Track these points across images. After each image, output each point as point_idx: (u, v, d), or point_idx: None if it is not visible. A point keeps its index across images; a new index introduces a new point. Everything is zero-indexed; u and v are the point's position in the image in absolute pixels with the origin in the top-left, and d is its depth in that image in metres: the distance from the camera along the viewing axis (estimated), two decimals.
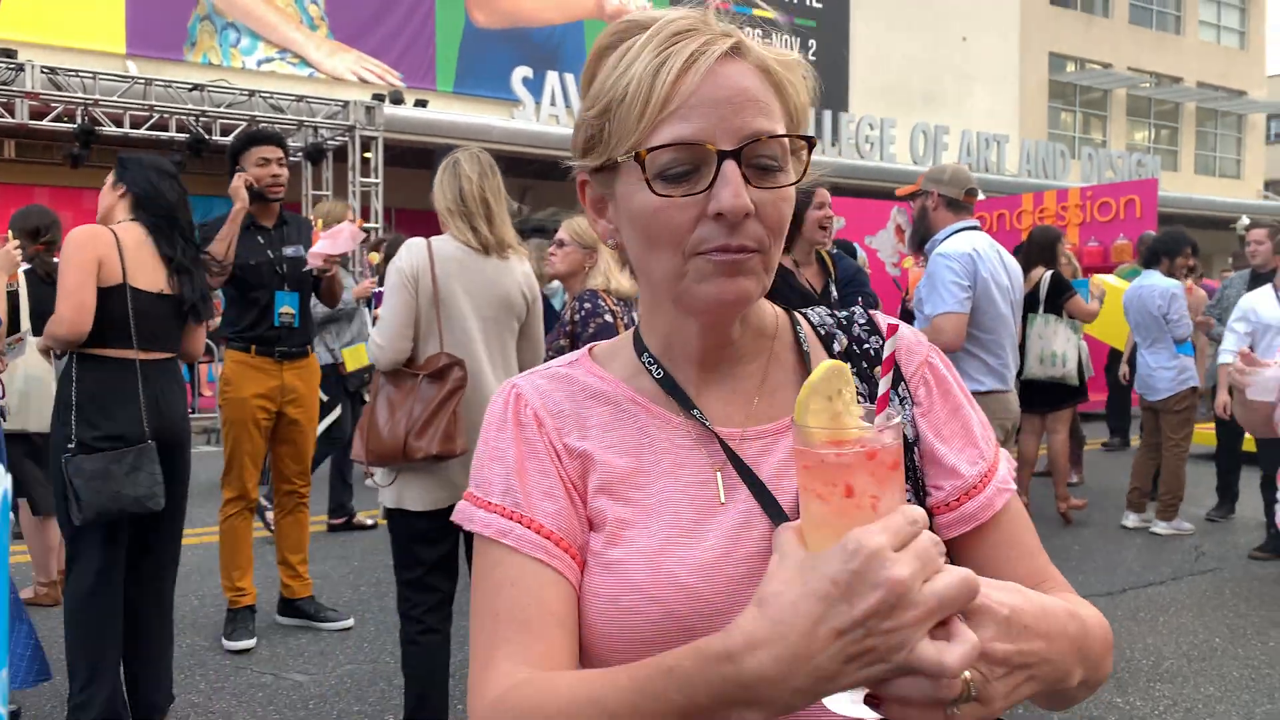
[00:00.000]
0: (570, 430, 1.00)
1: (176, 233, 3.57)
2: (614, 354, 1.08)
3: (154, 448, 3.39)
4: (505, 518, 0.95)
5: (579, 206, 1.05)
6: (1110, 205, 12.90)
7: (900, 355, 1.06)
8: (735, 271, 0.91)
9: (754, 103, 0.90)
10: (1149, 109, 28.84)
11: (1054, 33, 25.90)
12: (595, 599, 0.93)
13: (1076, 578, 5.81)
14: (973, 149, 19.70)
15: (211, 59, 15.36)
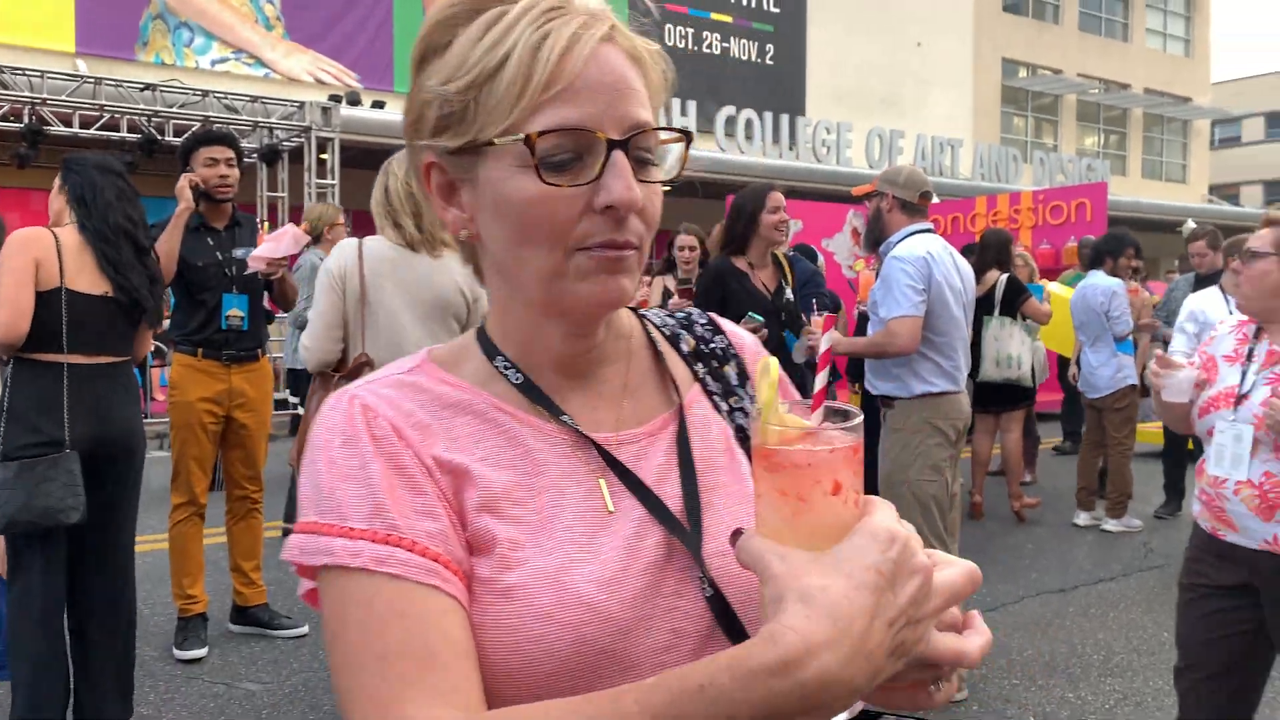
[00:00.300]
0: (436, 442, 0.87)
1: (122, 234, 3.47)
2: (460, 358, 0.96)
3: (72, 457, 3.27)
4: (380, 543, 0.79)
5: None
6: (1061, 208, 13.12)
7: (744, 356, 1.05)
8: (617, 269, 0.86)
9: (634, 91, 0.85)
10: (1098, 114, 29.39)
11: (1006, 39, 26.31)
12: (494, 632, 0.81)
13: (1030, 575, 5.92)
14: (927, 153, 19.96)
15: (164, 59, 15.13)
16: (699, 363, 1.03)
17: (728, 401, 1.01)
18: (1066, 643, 4.80)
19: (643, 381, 0.98)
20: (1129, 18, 29.63)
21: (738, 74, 20.74)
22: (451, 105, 0.85)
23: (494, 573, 0.82)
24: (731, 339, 1.06)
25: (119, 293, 3.44)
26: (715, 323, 1.07)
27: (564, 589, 0.82)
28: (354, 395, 0.89)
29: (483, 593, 0.82)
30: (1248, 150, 40.96)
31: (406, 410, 0.88)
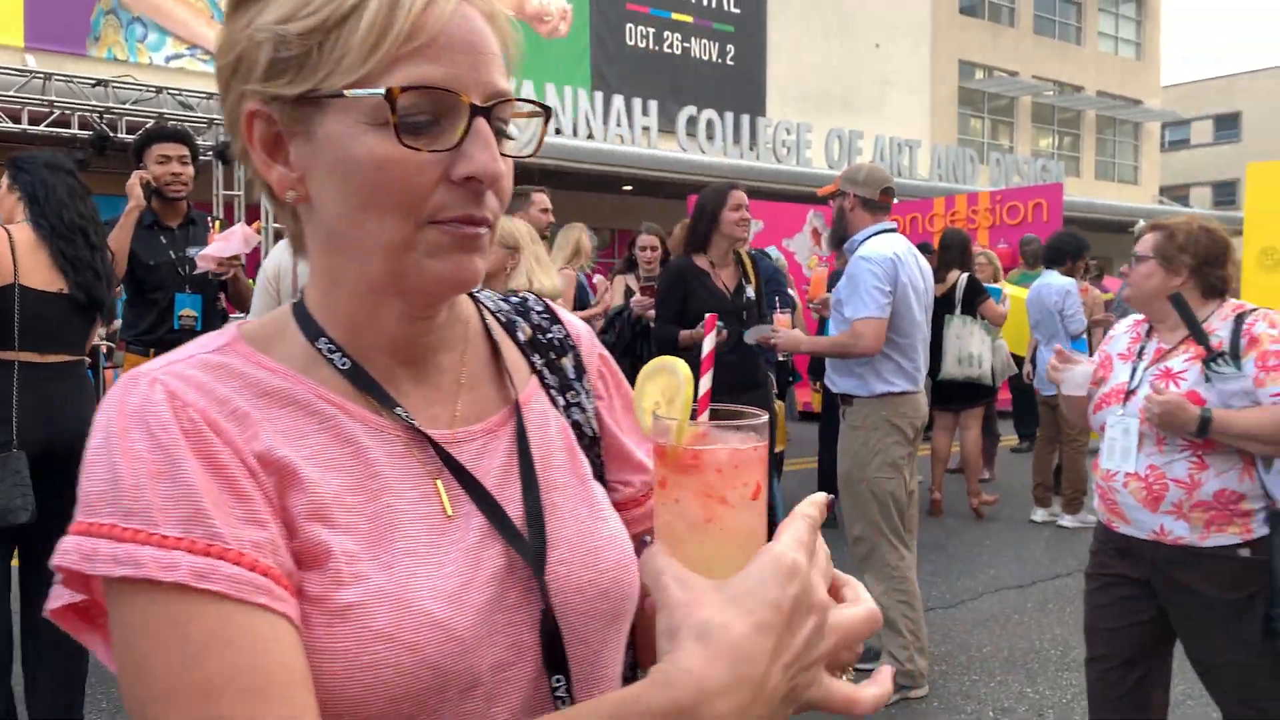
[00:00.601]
0: (258, 434, 0.75)
1: (77, 230, 3.43)
2: (274, 337, 0.83)
3: (20, 457, 3.22)
4: (200, 554, 0.67)
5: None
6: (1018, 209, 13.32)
7: (580, 347, 0.99)
8: (472, 247, 0.78)
9: (494, 55, 0.78)
10: (1053, 116, 29.84)
11: (963, 41, 26.63)
12: (327, 657, 0.71)
13: (989, 571, 5.99)
14: (886, 154, 20.15)
15: (117, 54, 14.86)
16: (536, 354, 0.96)
17: (565, 396, 0.95)
18: (1024, 638, 4.87)
19: (480, 373, 0.91)
20: (1082, 21, 30.12)
21: (699, 74, 20.79)
22: (290, 48, 0.75)
23: (326, 590, 0.72)
24: (569, 329, 1.00)
25: (75, 290, 3.40)
26: (552, 310, 1.01)
27: (406, 606, 0.73)
28: (155, 378, 0.75)
29: (314, 612, 0.71)
30: (1197, 152, 41.83)
31: (220, 397, 0.76)
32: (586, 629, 0.84)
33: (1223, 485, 2.72)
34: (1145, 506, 2.81)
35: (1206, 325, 2.81)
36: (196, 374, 0.77)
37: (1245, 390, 2.70)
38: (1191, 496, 2.73)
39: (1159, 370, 2.84)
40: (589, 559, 0.85)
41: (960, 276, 6.98)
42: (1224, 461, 2.72)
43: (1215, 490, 2.72)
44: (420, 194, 0.75)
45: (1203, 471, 2.73)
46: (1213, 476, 2.72)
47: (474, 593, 0.77)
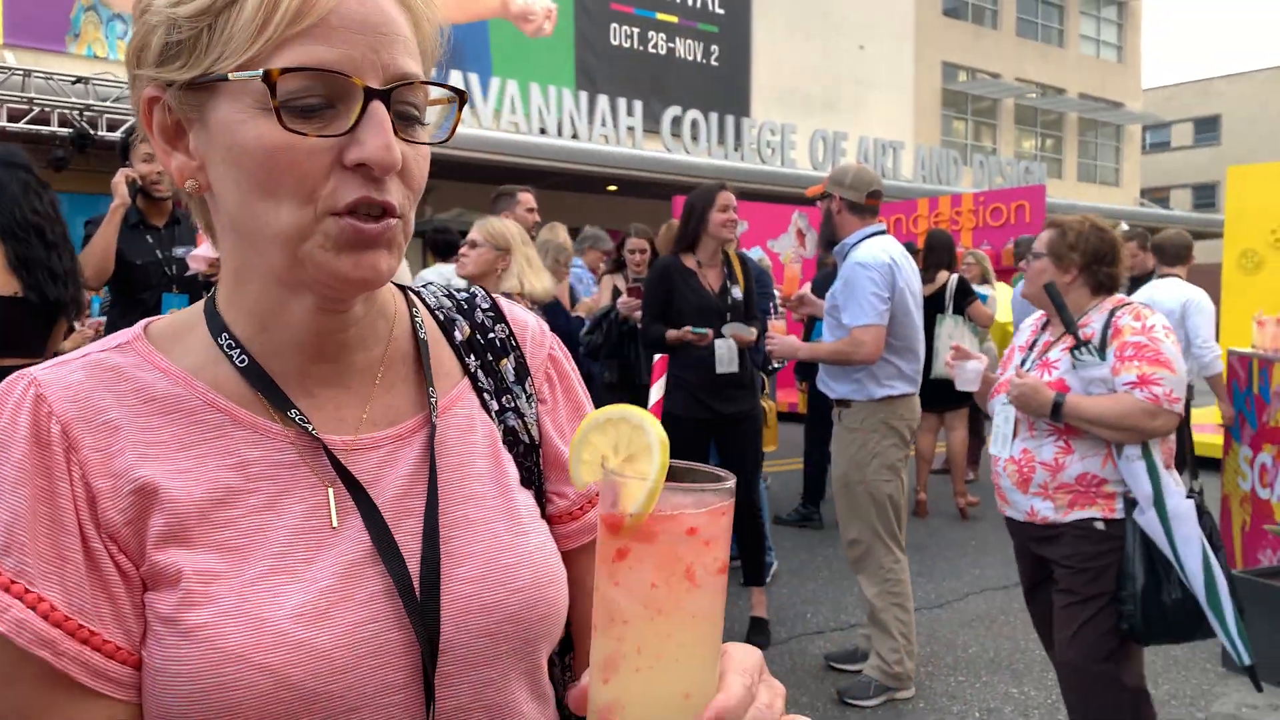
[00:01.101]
0: (122, 450, 0.74)
1: (31, 229, 3.35)
2: (180, 333, 0.82)
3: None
4: (2, 589, 0.69)
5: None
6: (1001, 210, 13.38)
7: (525, 348, 0.94)
8: (374, 243, 0.74)
9: (400, 37, 0.74)
10: (1035, 118, 30.00)
11: (947, 43, 26.74)
12: (172, 679, 0.70)
13: (974, 572, 6.01)
14: (870, 155, 20.21)
15: (96, 51, 14.72)
16: (472, 354, 0.92)
17: (499, 400, 0.91)
18: (1010, 639, 4.88)
19: (399, 374, 0.87)
20: (1064, 24, 30.30)
21: (683, 74, 20.79)
22: (181, 31, 0.73)
23: (176, 610, 0.71)
24: (514, 328, 0.95)
25: (29, 292, 3.34)
26: (499, 308, 0.96)
27: (262, 625, 0.71)
28: (33, 380, 0.75)
29: (164, 632, 0.71)
30: (1177, 155, 42.14)
31: (95, 405, 0.75)
32: (488, 654, 0.80)
33: (1085, 469, 2.87)
34: (1018, 488, 2.99)
35: (1085, 318, 2.98)
36: (79, 377, 0.76)
37: (1104, 379, 2.85)
38: (1055, 478, 2.90)
39: (1040, 361, 3.02)
40: (500, 577, 0.81)
41: (951, 278, 7.01)
42: (1088, 447, 2.87)
43: (1078, 473, 2.88)
44: (311, 181, 0.72)
45: (1068, 455, 2.89)
46: (1077, 460, 2.88)
47: (349, 611, 0.74)
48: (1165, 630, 2.80)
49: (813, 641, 4.83)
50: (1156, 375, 2.79)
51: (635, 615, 0.63)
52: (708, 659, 0.65)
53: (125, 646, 0.72)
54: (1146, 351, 2.82)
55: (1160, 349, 2.82)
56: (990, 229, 13.28)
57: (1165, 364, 2.81)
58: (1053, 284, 2.97)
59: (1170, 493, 2.76)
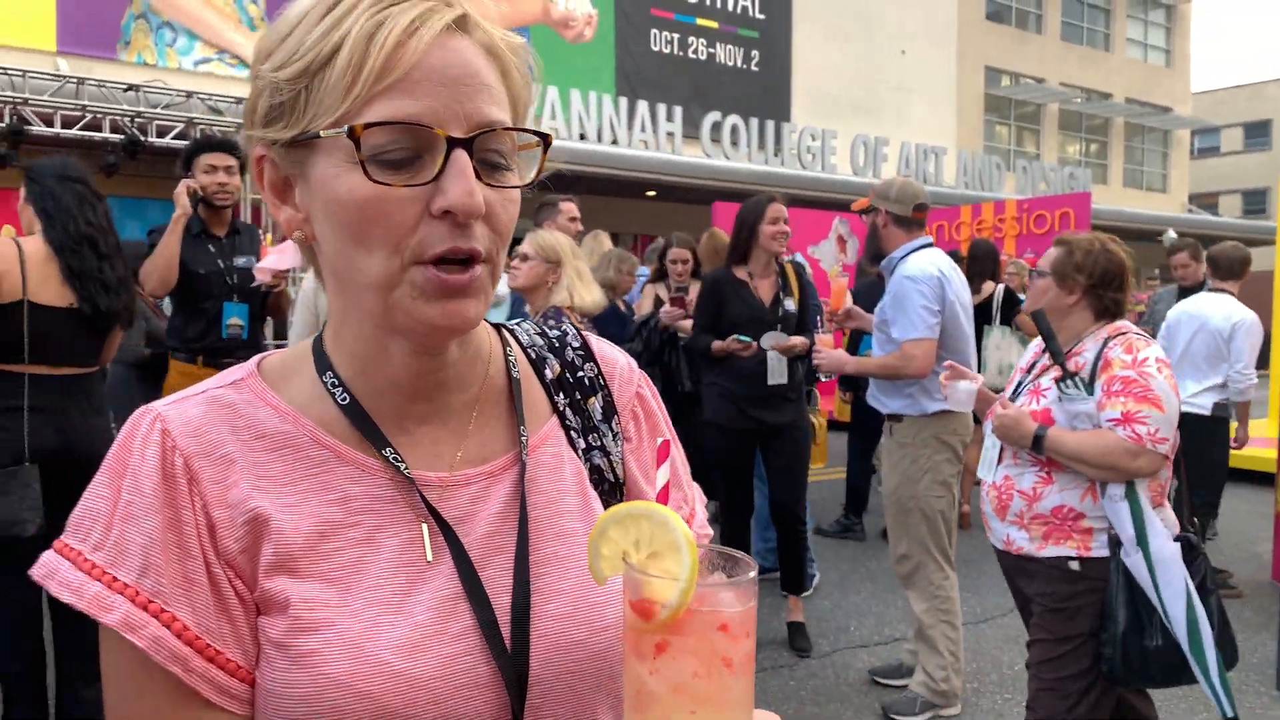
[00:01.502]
0: (237, 482, 0.79)
1: (84, 240, 3.43)
2: (290, 371, 0.87)
3: (30, 471, 3.27)
4: (139, 606, 0.74)
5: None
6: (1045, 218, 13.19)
7: (613, 386, 0.96)
8: (463, 291, 0.77)
9: (485, 87, 0.77)
10: (1080, 123, 29.61)
11: (990, 47, 26.48)
12: (284, 700, 0.75)
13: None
14: (911, 160, 20.04)
15: (146, 59, 14.99)
16: (561, 392, 0.94)
17: (586, 439, 0.93)
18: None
19: (493, 412, 0.90)
20: (1110, 27, 29.89)
21: (723, 80, 20.76)
22: (282, 94, 0.77)
23: (287, 635, 0.76)
24: (603, 367, 0.97)
25: (83, 304, 3.41)
26: (588, 347, 0.98)
27: (363, 655, 0.75)
28: (158, 415, 0.81)
29: (276, 656, 0.76)
30: (1227, 160, 41.38)
31: (213, 440, 0.80)
32: (576, 688, 0.82)
33: (1062, 501, 2.77)
34: (996, 515, 2.92)
35: (1079, 346, 2.86)
36: (199, 412, 0.81)
37: (1089, 414, 2.75)
38: (1031, 508, 2.82)
39: (1032, 386, 2.93)
40: (587, 615, 0.84)
41: (997, 288, 6.93)
42: (1069, 479, 2.78)
43: (1054, 505, 2.78)
44: (400, 230, 0.75)
45: (1047, 486, 2.80)
46: (1055, 491, 2.79)
47: (443, 644, 0.78)
48: (1145, 674, 2.69)
49: (856, 655, 4.78)
50: (1141, 413, 2.67)
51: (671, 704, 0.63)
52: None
53: (244, 666, 0.77)
54: (1134, 387, 2.69)
55: (1150, 385, 2.69)
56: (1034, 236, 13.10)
57: (1153, 401, 2.67)
58: (1040, 312, 2.87)
59: (1155, 534, 2.64)
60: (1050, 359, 2.90)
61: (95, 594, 0.75)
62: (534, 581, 0.83)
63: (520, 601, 0.81)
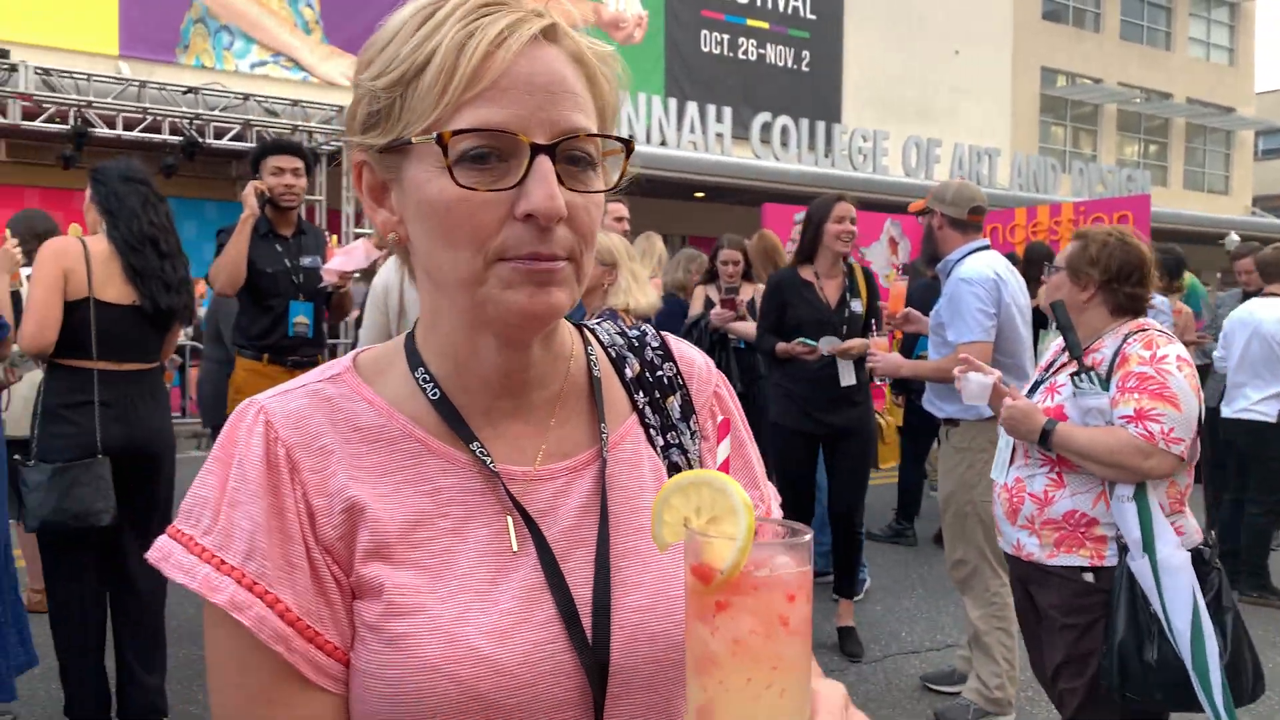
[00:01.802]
0: (335, 472, 0.83)
1: (147, 241, 3.53)
2: (384, 366, 0.91)
3: (103, 463, 3.38)
4: (245, 587, 0.78)
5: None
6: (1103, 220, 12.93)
7: (691, 386, 0.99)
8: (546, 280, 0.80)
9: (570, 94, 0.81)
10: (1139, 124, 29.03)
11: (1046, 47, 26.06)
12: (377, 681, 0.78)
13: None
14: (964, 162, 19.78)
15: (204, 62, 15.29)
16: (640, 391, 0.97)
17: (665, 437, 0.95)
18: None
19: (574, 409, 0.93)
20: (1171, 26, 29.26)
21: (773, 80, 20.67)
22: (379, 102, 0.82)
23: (381, 619, 0.80)
24: (681, 366, 1.00)
25: (144, 302, 3.51)
26: (667, 347, 1.01)
27: (454, 640, 0.78)
28: (262, 408, 0.85)
29: (370, 638, 0.80)
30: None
31: (313, 431, 0.84)
32: (655, 679, 0.85)
33: (1074, 506, 2.64)
34: (1007, 519, 2.81)
35: (1098, 342, 2.74)
36: (300, 405, 0.85)
37: (1101, 409, 2.62)
38: (1043, 513, 2.68)
39: (1049, 383, 2.82)
40: (666, 607, 0.86)
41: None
42: (1081, 482, 2.65)
43: (1066, 510, 2.65)
44: (485, 231, 0.79)
45: (1059, 489, 2.67)
46: (1067, 495, 2.66)
47: (529, 632, 0.80)
48: (1145, 692, 2.50)
49: (908, 661, 4.71)
50: (1156, 411, 2.53)
51: (730, 665, 0.65)
52: (800, 703, 0.67)
53: (340, 647, 0.81)
54: (1151, 384, 2.56)
55: (1168, 382, 2.55)
56: None
57: (1169, 399, 2.53)
58: (1060, 303, 2.77)
59: (1164, 540, 2.50)
60: (1068, 356, 2.81)
61: (205, 576, 0.79)
62: (614, 574, 0.85)
63: (601, 593, 0.84)
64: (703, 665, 0.67)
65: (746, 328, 5.39)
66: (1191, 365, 2.64)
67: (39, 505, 3.29)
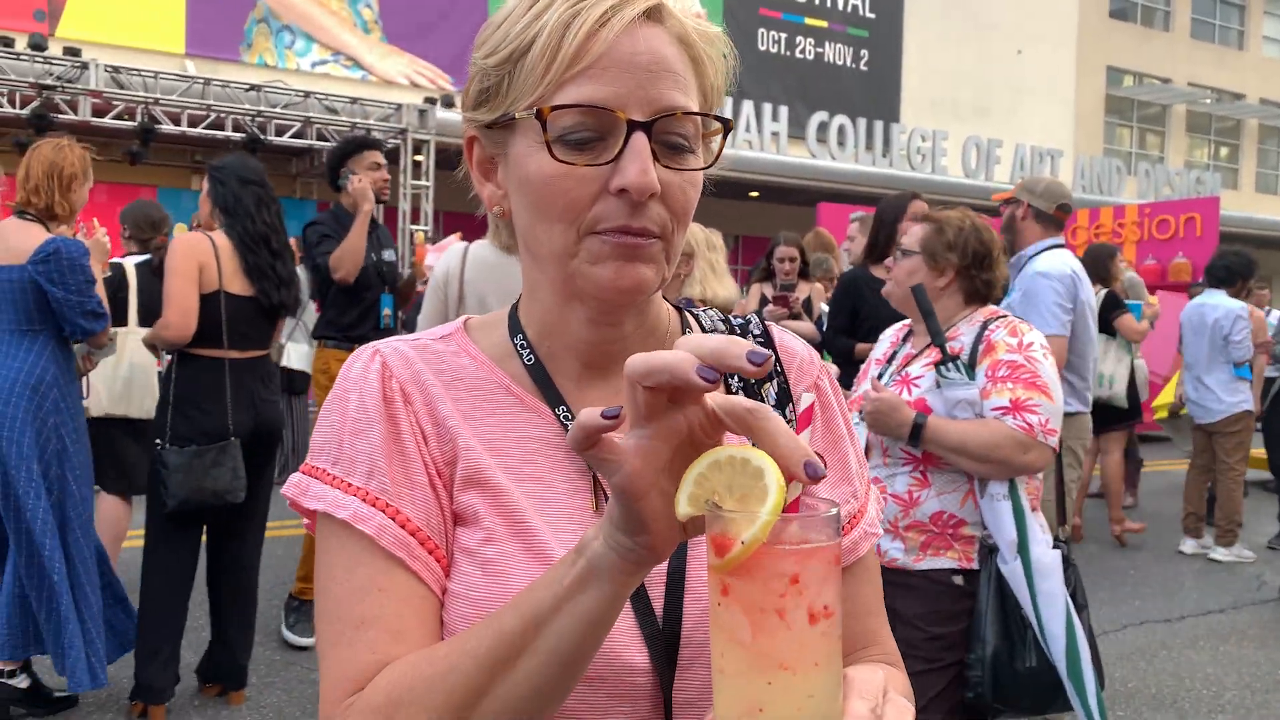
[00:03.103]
0: (440, 407, 0.89)
1: (260, 240, 3.75)
2: (489, 329, 0.97)
3: (236, 445, 3.63)
4: (368, 504, 0.84)
5: None
6: (1169, 223, 12.61)
7: (790, 375, 0.98)
8: (634, 256, 0.82)
9: (671, 74, 0.82)
10: (1209, 125, 28.25)
11: (1112, 46, 25.48)
12: (463, 603, 0.83)
13: (1133, 603, 5.65)
14: (1026, 163, 19.41)
15: (267, 60, 15.57)
16: (735, 375, 0.93)
17: None
18: (1173, 675, 4.55)
19: None
20: (1245, 24, 28.42)
21: (831, 79, 20.49)
22: (489, 79, 0.85)
23: (476, 544, 0.84)
24: (781, 354, 0.99)
25: (260, 295, 3.74)
26: (769, 334, 1.01)
27: (539, 567, 0.82)
28: (377, 350, 0.91)
29: (464, 562, 0.84)
30: None
31: (420, 373, 0.90)
32: (691, 647, 0.85)
33: (941, 507, 2.44)
34: None
35: (954, 330, 2.56)
36: (410, 352, 0.91)
37: (971, 401, 2.43)
38: (908, 515, 2.46)
39: (899, 376, 2.59)
40: None
41: (1100, 292, 6.65)
42: (947, 481, 2.44)
43: (934, 511, 2.44)
44: (579, 205, 0.81)
45: (924, 489, 2.46)
46: (933, 496, 2.45)
47: None
48: (1014, 701, 2.38)
49: None
50: (1032, 401, 2.37)
51: (744, 643, 0.62)
52: (827, 685, 0.63)
53: (447, 561, 0.86)
54: (1023, 373, 2.40)
55: (1038, 370, 2.41)
56: (1156, 242, 12.54)
57: (1042, 389, 2.39)
58: (921, 287, 2.55)
59: (1036, 540, 2.36)
60: (917, 345, 2.62)
61: (333, 498, 0.84)
62: (690, 549, 0.87)
63: (676, 565, 0.86)
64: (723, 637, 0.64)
65: (800, 326, 5.34)
66: (1052, 354, 2.49)
67: (179, 485, 3.50)
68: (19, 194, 3.68)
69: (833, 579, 0.63)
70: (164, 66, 12.24)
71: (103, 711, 3.75)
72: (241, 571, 3.88)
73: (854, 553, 0.94)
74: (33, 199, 3.65)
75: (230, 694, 3.86)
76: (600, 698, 0.82)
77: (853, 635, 0.92)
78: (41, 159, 3.68)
